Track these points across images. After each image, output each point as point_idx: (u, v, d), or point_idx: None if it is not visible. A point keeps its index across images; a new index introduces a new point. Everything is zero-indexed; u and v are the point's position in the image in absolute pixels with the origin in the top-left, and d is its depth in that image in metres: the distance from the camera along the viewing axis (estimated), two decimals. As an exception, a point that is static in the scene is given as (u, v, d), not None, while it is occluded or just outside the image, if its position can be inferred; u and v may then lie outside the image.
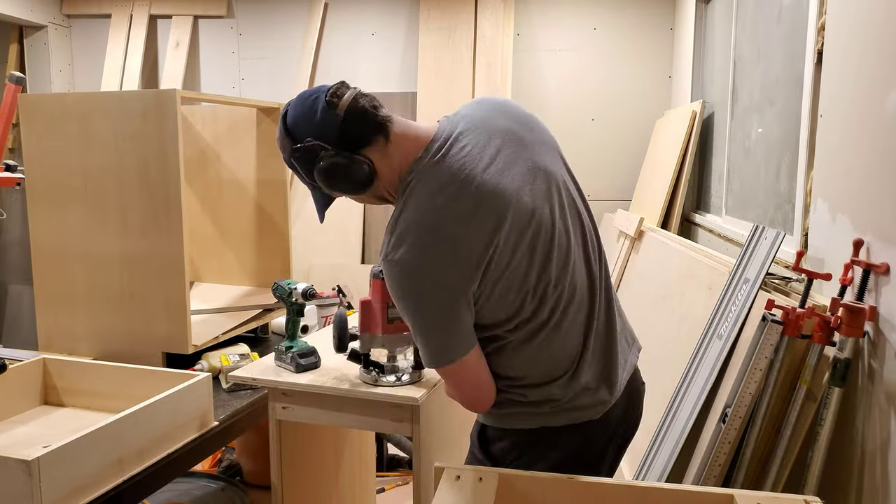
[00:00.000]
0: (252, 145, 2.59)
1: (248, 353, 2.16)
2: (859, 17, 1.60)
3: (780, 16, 2.48)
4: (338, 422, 1.76)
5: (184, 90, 2.37)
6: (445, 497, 1.12)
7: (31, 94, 2.24)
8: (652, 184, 3.84)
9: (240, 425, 1.94)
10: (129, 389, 1.78)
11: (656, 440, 1.97)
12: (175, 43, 4.91)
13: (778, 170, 2.43)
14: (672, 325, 2.36)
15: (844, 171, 1.64)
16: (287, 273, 2.63)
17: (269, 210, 2.62)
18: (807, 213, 1.88)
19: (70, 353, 2.17)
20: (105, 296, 2.15)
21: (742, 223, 2.86)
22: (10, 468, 1.28)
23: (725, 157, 3.18)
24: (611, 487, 1.14)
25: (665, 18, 4.39)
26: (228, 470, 2.96)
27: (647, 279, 2.97)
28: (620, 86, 4.47)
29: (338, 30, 4.81)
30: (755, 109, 2.79)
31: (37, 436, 1.71)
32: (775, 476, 1.55)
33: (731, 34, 3.15)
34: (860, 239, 1.50)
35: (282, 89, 4.83)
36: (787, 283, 1.85)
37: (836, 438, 1.49)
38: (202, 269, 2.78)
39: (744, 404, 1.61)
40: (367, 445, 2.51)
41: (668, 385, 2.17)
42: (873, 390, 1.42)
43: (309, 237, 4.75)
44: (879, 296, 1.43)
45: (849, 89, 1.64)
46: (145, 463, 1.56)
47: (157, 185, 2.05)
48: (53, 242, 2.19)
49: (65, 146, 2.12)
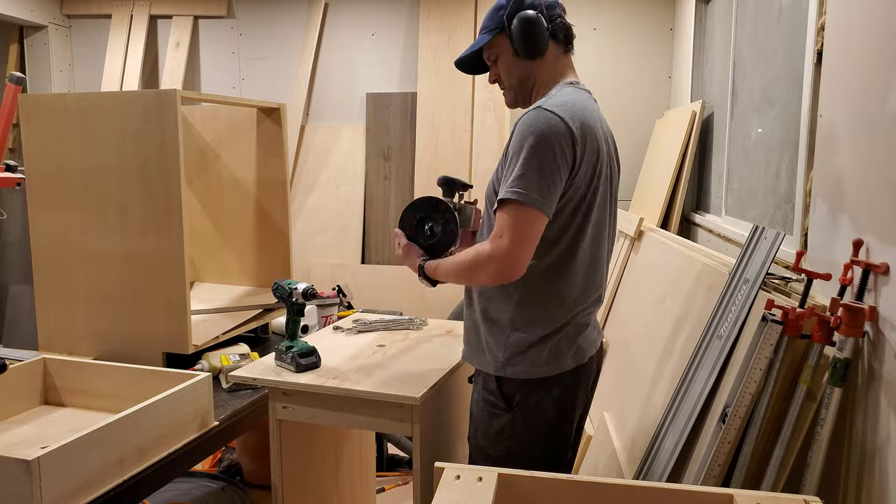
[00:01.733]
0: (252, 145, 2.59)
1: (248, 352, 2.16)
2: (859, 17, 1.60)
3: (780, 16, 2.48)
4: (338, 422, 1.77)
5: (184, 90, 2.37)
6: (445, 497, 1.12)
7: (31, 94, 2.24)
8: (652, 184, 3.85)
9: (240, 425, 1.94)
10: (129, 389, 1.78)
11: (656, 440, 1.97)
12: (175, 43, 4.91)
13: (778, 170, 2.43)
14: (672, 325, 2.36)
15: (844, 171, 1.64)
16: (287, 273, 2.63)
17: (269, 210, 2.62)
18: (806, 213, 1.88)
19: (70, 353, 2.17)
20: (105, 296, 2.15)
21: (742, 223, 2.86)
22: (10, 468, 1.28)
23: (725, 157, 3.18)
24: (611, 487, 1.14)
25: (665, 19, 4.39)
26: (228, 470, 2.96)
27: (646, 279, 2.97)
28: (620, 86, 4.48)
29: (338, 30, 4.81)
30: (755, 109, 2.79)
31: (37, 436, 1.71)
32: (775, 476, 1.55)
33: (730, 34, 3.15)
34: (860, 239, 1.50)
35: (282, 89, 4.84)
36: (787, 283, 1.85)
37: (836, 438, 1.49)
38: (202, 269, 2.78)
39: (743, 404, 1.61)
40: (367, 445, 2.51)
41: (667, 385, 2.17)
42: (873, 390, 1.42)
43: (309, 237, 4.75)
44: (879, 296, 1.43)
45: (849, 89, 1.64)
46: (145, 463, 1.56)
47: (157, 185, 2.05)
48: (53, 242, 2.19)
49: (65, 146, 2.13)
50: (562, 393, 1.56)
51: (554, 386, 1.55)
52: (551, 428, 1.56)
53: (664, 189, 3.48)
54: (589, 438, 2.81)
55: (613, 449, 2.44)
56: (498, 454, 1.56)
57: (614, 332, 3.20)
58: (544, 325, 1.54)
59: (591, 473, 2.58)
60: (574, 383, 1.59)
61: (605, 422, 2.69)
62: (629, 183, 4.38)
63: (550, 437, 1.57)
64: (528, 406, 1.54)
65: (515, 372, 1.54)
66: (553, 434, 1.57)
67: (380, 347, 2.01)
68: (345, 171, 4.78)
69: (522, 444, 1.56)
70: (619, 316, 3.22)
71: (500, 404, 1.56)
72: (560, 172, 1.43)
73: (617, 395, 2.76)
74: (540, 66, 1.60)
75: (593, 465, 2.65)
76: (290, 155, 4.71)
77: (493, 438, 1.57)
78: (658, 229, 3.27)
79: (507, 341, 1.55)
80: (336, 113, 4.85)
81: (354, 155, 4.78)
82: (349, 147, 4.80)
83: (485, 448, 1.60)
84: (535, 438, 1.55)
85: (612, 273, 3.52)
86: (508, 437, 1.56)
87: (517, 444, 1.55)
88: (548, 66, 1.60)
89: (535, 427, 1.55)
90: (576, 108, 1.48)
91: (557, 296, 1.54)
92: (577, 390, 1.60)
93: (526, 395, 1.54)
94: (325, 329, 2.28)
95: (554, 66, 1.61)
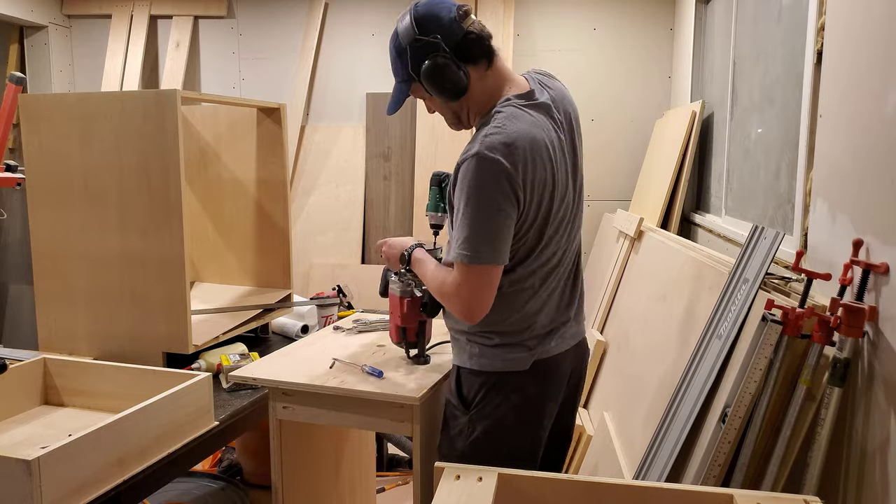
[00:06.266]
0: (252, 145, 2.59)
1: (247, 352, 2.16)
2: (859, 17, 1.60)
3: (780, 16, 2.49)
4: (338, 422, 1.77)
5: (184, 90, 2.37)
6: (445, 497, 1.12)
7: (31, 95, 2.24)
8: (652, 184, 3.84)
9: (240, 425, 1.95)
10: (129, 389, 1.78)
11: (656, 440, 1.97)
12: (175, 43, 4.91)
13: (777, 170, 2.43)
14: (672, 325, 2.36)
15: (844, 171, 1.64)
16: (287, 273, 2.63)
17: (269, 210, 2.62)
18: (806, 213, 1.88)
19: (70, 353, 2.17)
20: (105, 296, 2.15)
21: (742, 223, 2.86)
22: (10, 468, 1.28)
23: (725, 157, 3.18)
24: (611, 487, 1.14)
25: (665, 18, 4.39)
26: (228, 470, 2.96)
27: (646, 279, 2.97)
28: (620, 86, 4.47)
29: (338, 30, 4.81)
30: (755, 109, 2.79)
31: (37, 436, 1.71)
32: (775, 476, 1.55)
33: (730, 34, 3.15)
34: (860, 239, 1.50)
35: (282, 89, 4.84)
36: (787, 283, 1.85)
37: (836, 438, 1.49)
38: (202, 269, 2.78)
39: (743, 404, 1.61)
40: (367, 445, 2.51)
41: (667, 385, 2.17)
42: (873, 390, 1.42)
43: (309, 237, 4.75)
44: (879, 296, 1.43)
45: (849, 89, 1.64)
46: (145, 463, 1.56)
47: (157, 185, 2.05)
48: (53, 242, 2.19)
49: (65, 146, 2.13)
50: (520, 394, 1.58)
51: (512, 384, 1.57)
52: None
53: (664, 189, 3.48)
54: (589, 438, 2.81)
55: (613, 449, 2.44)
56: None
57: (614, 331, 3.20)
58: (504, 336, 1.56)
59: (591, 473, 2.59)
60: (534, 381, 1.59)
61: (605, 422, 2.69)
62: (629, 183, 4.38)
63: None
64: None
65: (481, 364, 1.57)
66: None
67: (380, 347, 2.01)
68: (345, 171, 4.78)
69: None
70: (619, 316, 3.22)
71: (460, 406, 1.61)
72: (508, 216, 1.41)
73: (617, 395, 2.77)
74: (470, 96, 1.52)
75: (593, 465, 2.65)
76: (290, 155, 4.71)
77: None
78: (658, 229, 3.27)
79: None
80: (336, 113, 4.85)
81: (354, 155, 4.78)
82: (349, 147, 4.80)
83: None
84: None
85: (612, 273, 3.52)
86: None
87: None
88: (477, 93, 1.52)
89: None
90: (517, 138, 1.40)
91: (519, 312, 1.55)
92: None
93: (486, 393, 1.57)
94: (325, 329, 2.28)
95: (483, 89, 1.52)
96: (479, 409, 1.56)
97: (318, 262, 4.70)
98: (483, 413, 1.56)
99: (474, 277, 1.42)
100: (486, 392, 1.55)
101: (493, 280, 1.43)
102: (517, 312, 1.54)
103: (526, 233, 1.48)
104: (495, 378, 1.55)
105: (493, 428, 1.55)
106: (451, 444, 1.61)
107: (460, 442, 1.58)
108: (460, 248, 1.41)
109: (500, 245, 1.42)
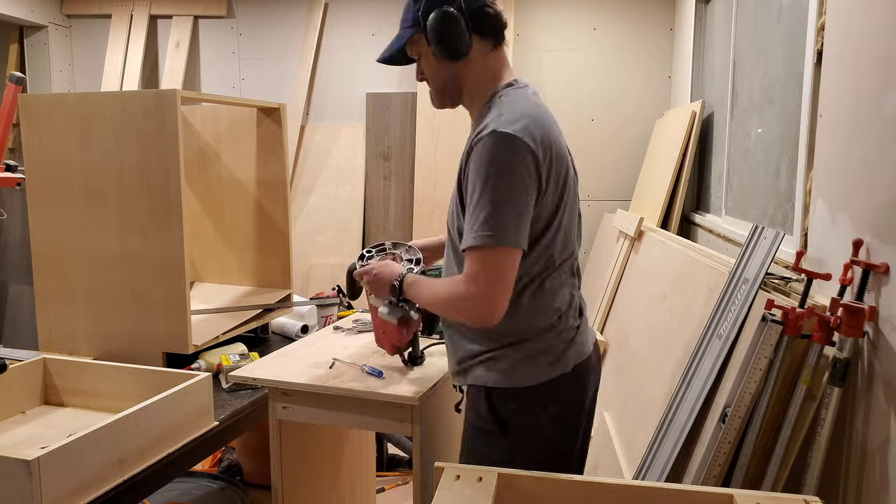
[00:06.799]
0: (252, 145, 2.59)
1: (247, 352, 2.16)
2: (859, 17, 1.60)
3: (780, 16, 2.49)
4: (338, 422, 1.77)
5: (184, 90, 2.36)
6: (445, 497, 1.12)
7: (31, 94, 2.24)
8: (651, 184, 3.84)
9: (240, 425, 1.94)
10: (129, 389, 1.78)
11: (656, 440, 1.97)
12: (175, 43, 4.91)
13: (777, 170, 2.43)
14: (672, 325, 2.36)
15: (844, 171, 1.64)
16: (287, 273, 2.63)
17: (269, 210, 2.62)
18: (806, 212, 1.88)
19: (70, 353, 2.17)
20: (105, 296, 2.15)
21: (742, 223, 2.86)
22: (10, 468, 1.28)
23: (725, 157, 3.18)
24: (611, 487, 1.14)
25: (665, 18, 4.39)
26: (228, 470, 2.96)
27: (646, 279, 2.97)
28: (620, 86, 4.48)
29: (338, 30, 4.81)
30: (755, 109, 2.79)
31: (37, 436, 1.71)
32: (775, 476, 1.55)
33: (730, 34, 3.15)
34: (860, 239, 1.50)
35: (282, 89, 4.84)
36: (787, 283, 1.85)
37: (836, 438, 1.49)
38: (202, 269, 2.78)
39: (743, 404, 1.62)
40: (367, 445, 2.51)
41: (667, 384, 2.17)
42: (873, 390, 1.42)
43: (309, 237, 4.75)
44: (879, 296, 1.43)
45: (849, 89, 1.64)
46: (145, 463, 1.56)
47: (157, 185, 2.05)
48: (53, 242, 2.19)
49: (65, 146, 2.12)
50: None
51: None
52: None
53: (664, 189, 3.48)
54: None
55: (613, 449, 2.44)
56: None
57: (614, 331, 3.20)
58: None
59: (591, 473, 2.58)
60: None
61: (605, 422, 2.69)
62: (629, 183, 4.38)
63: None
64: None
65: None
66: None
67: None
68: (345, 171, 4.78)
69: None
70: (619, 316, 3.22)
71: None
72: (529, 198, 1.31)
73: (617, 394, 2.76)
74: (466, 68, 1.44)
75: (593, 465, 2.65)
76: (290, 155, 4.71)
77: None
78: (658, 229, 3.27)
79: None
80: (336, 113, 4.85)
81: (354, 155, 4.78)
82: (349, 147, 4.80)
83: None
84: None
85: (612, 273, 3.52)
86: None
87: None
88: (475, 68, 1.44)
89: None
90: (533, 120, 1.33)
91: (545, 312, 1.44)
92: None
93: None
94: (325, 329, 2.28)
95: (483, 66, 1.44)
96: (520, 426, 1.42)
97: (317, 262, 4.70)
98: (526, 429, 1.43)
99: (495, 263, 1.30)
100: (525, 407, 1.42)
101: (513, 268, 1.32)
102: (543, 313, 1.42)
103: (546, 220, 1.38)
104: (532, 391, 1.41)
105: (538, 445, 1.43)
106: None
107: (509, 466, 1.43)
108: (480, 229, 1.29)
109: (522, 227, 1.31)
